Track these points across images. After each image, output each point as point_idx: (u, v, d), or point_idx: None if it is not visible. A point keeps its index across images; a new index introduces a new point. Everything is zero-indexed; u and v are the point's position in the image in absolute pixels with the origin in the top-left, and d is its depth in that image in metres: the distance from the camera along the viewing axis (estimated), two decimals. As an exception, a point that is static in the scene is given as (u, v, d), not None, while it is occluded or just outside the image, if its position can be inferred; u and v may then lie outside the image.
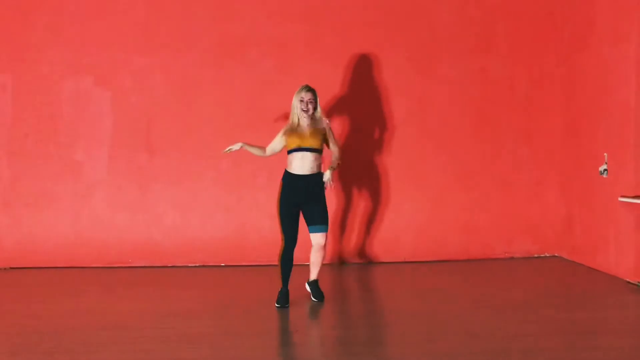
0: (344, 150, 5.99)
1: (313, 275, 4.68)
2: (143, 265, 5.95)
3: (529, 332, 3.91)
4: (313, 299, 4.64)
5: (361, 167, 6.11)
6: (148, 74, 5.95)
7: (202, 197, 6.01)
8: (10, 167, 5.88)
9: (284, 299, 4.48)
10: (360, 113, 6.10)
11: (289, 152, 4.53)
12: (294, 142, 4.49)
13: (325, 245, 4.62)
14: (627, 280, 5.17)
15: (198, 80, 5.97)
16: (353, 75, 6.08)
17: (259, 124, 5.91)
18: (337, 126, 6.06)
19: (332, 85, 6.04)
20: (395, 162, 6.15)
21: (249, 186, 6.01)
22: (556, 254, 6.32)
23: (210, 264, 6.01)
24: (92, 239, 5.92)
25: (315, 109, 4.60)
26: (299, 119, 4.56)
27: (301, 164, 4.48)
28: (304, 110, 4.53)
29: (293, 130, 4.53)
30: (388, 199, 6.15)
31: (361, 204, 6.14)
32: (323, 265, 4.69)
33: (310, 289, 4.70)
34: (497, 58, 6.21)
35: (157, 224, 5.98)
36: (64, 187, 5.91)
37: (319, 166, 4.56)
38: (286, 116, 5.99)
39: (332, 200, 6.04)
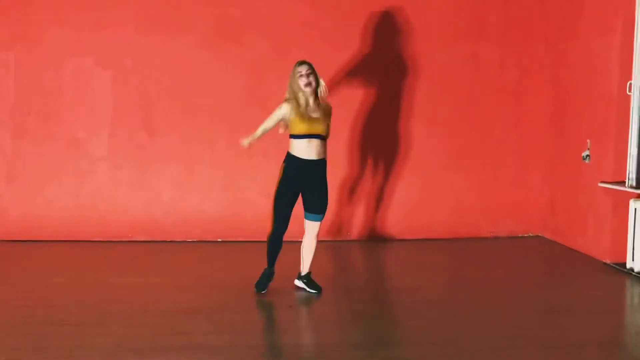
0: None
1: (306, 268, 4.53)
2: (143, 239, 6.18)
3: (506, 310, 4.18)
4: (310, 290, 4.49)
5: (352, 148, 6.32)
6: (147, 55, 6.09)
7: (199, 175, 6.22)
8: (13, 143, 6.05)
9: (264, 282, 4.41)
10: (353, 95, 6.28)
11: (295, 137, 4.23)
12: (302, 128, 4.17)
13: (318, 234, 4.50)
14: (603, 261, 5.44)
15: (196, 62, 6.12)
16: (348, 58, 6.23)
17: (255, 105, 6.07)
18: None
19: (328, 68, 6.19)
20: (387, 143, 6.36)
21: (245, 165, 6.21)
22: (539, 234, 6.59)
23: (207, 239, 6.25)
24: (94, 214, 6.13)
25: (317, 82, 4.26)
26: (306, 100, 4.24)
27: (309, 150, 4.21)
28: (307, 85, 4.18)
29: (302, 114, 4.19)
30: (379, 178, 6.38)
31: (351, 183, 6.36)
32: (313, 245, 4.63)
33: (306, 283, 4.53)
34: (487, 44, 6.38)
35: (156, 200, 6.20)
36: (66, 164, 6.09)
37: (325, 151, 4.34)
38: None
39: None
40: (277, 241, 4.42)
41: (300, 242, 4.58)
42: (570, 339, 3.69)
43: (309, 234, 4.49)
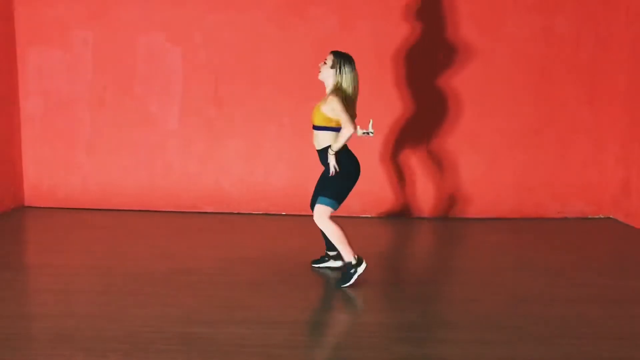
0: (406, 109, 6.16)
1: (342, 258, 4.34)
2: (211, 211, 6.42)
3: (572, 297, 4.10)
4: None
5: (418, 123, 6.27)
6: (216, 31, 6.21)
7: (265, 149, 6.35)
8: (91, 116, 6.37)
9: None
10: (420, 69, 6.20)
11: None
12: None
13: (320, 220, 4.15)
14: (680, 247, 5.22)
15: (263, 37, 6.20)
16: (415, 32, 6.13)
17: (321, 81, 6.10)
18: (395, 83, 6.19)
19: (394, 42, 6.14)
20: (454, 119, 6.26)
21: (310, 140, 6.25)
22: (611, 216, 6.36)
23: (272, 212, 6.41)
24: (165, 185, 6.41)
25: (333, 75, 4.16)
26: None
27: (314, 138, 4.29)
28: (319, 74, 4.27)
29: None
30: (444, 155, 6.31)
31: (415, 159, 6.33)
32: (366, 218, 4.46)
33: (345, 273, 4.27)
34: (563, 17, 6.11)
35: (225, 173, 6.40)
36: (140, 136, 6.37)
37: (321, 142, 4.21)
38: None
39: (385, 155, 6.27)
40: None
41: (359, 217, 4.57)
42: (638, 331, 3.59)
43: None
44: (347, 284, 4.21)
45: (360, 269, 4.21)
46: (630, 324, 3.67)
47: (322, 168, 4.38)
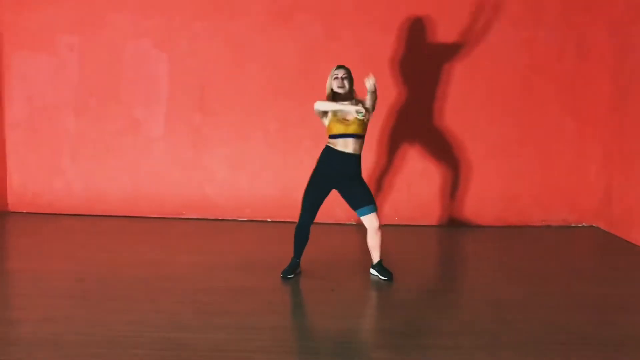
0: (389, 116, 6.20)
1: (375, 257, 4.62)
2: (195, 217, 6.40)
3: (553, 304, 4.11)
4: (382, 277, 4.56)
5: (401, 132, 6.30)
6: (202, 38, 6.22)
7: (251, 156, 6.35)
8: (76, 122, 6.35)
9: (290, 270, 4.54)
10: (406, 78, 6.24)
11: (333, 136, 4.40)
12: (339, 129, 4.38)
13: (379, 225, 4.52)
14: (660, 255, 5.27)
15: (249, 45, 6.21)
16: (401, 40, 6.18)
17: (306, 87, 6.13)
18: (383, 90, 6.21)
19: (380, 50, 6.18)
20: (437, 128, 6.30)
21: (295, 148, 6.30)
22: (594, 225, 6.41)
23: (257, 219, 6.40)
24: (150, 192, 6.39)
25: (351, 85, 4.46)
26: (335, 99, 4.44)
27: (344, 145, 4.40)
28: (340, 87, 4.41)
29: (334, 115, 4.39)
30: (426, 163, 6.34)
31: (398, 167, 6.35)
32: (350, 225, 4.59)
33: (377, 271, 4.61)
34: (546, 28, 6.18)
35: (209, 179, 6.39)
36: (125, 143, 6.35)
37: (361, 148, 4.47)
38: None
39: (369, 160, 6.29)
40: (303, 232, 4.52)
41: (344, 225, 4.63)
42: (618, 337, 3.60)
43: (368, 229, 4.54)
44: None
45: None
46: (613, 331, 3.69)
47: (309, 171, 4.43)
